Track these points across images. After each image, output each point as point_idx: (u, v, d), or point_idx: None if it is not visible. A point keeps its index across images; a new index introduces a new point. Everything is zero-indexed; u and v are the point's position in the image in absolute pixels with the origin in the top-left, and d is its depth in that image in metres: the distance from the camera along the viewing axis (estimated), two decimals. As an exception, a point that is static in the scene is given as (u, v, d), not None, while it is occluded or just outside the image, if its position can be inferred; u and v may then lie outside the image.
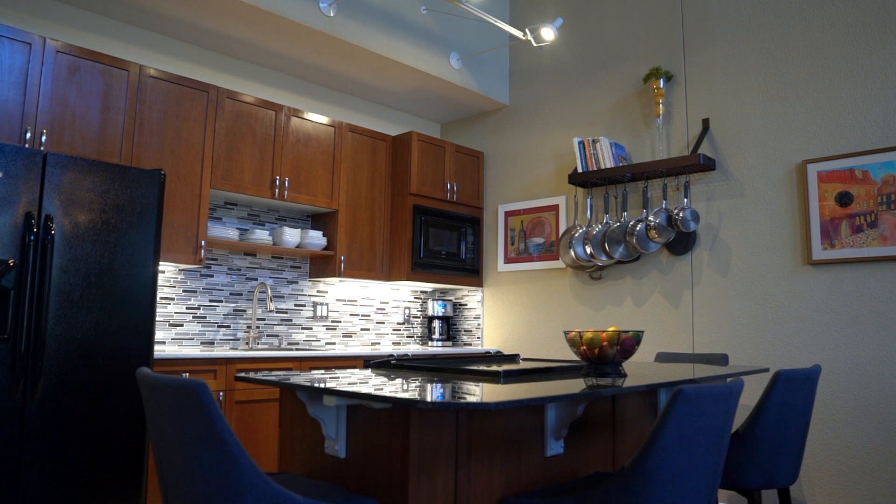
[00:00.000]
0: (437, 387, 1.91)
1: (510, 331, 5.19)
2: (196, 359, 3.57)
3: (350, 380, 2.11)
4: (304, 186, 4.51)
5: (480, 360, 3.01)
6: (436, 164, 5.18)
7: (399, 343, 5.44)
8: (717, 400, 1.68)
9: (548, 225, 5.03)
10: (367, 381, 2.03)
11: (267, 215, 4.66)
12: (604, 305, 4.63)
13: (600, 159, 4.51)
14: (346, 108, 5.31)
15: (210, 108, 4.08)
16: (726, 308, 4.05)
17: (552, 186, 5.07)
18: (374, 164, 4.98)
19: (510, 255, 5.25)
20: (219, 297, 4.37)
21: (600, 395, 1.82)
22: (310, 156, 4.56)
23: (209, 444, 1.49)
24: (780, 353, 3.81)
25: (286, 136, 4.43)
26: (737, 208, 4.08)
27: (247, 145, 4.23)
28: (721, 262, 4.10)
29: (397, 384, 1.95)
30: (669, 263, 4.34)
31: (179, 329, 4.17)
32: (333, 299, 5.00)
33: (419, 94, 5.28)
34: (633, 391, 1.95)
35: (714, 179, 4.20)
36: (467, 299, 5.54)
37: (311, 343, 4.84)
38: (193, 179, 3.97)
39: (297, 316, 4.77)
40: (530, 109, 5.31)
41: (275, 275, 4.68)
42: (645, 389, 2.01)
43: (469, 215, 5.37)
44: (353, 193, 4.80)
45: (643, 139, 4.58)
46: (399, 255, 4.92)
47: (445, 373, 2.40)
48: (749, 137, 4.07)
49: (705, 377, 2.38)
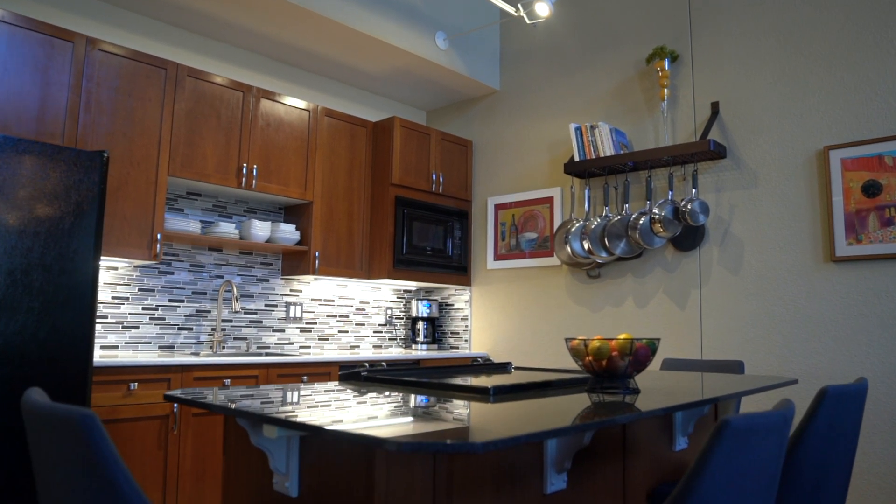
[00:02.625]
0: (414, 409, 1.52)
1: (500, 333, 4.81)
2: (145, 366, 3.16)
3: (310, 399, 1.71)
4: (275, 175, 4.10)
5: (467, 369, 2.62)
6: (420, 152, 4.79)
7: (381, 346, 5.04)
8: (770, 433, 1.30)
9: (541, 219, 4.65)
10: (329, 403, 1.64)
11: (235, 207, 4.25)
12: (602, 306, 4.26)
13: (599, 147, 4.14)
14: (323, 92, 4.91)
15: (168, 87, 3.66)
16: (738, 310, 3.69)
17: (546, 177, 4.69)
18: (352, 151, 4.58)
19: (500, 251, 4.86)
20: (179, 296, 3.96)
21: (615, 422, 1.43)
22: (281, 142, 4.16)
23: (99, 497, 1.10)
24: (799, 360, 3.44)
25: (255, 119, 4.03)
26: (750, 200, 3.72)
27: (210, 129, 3.82)
28: (732, 259, 3.74)
29: (364, 407, 1.56)
30: (675, 260, 3.97)
31: (134, 332, 3.76)
32: (308, 299, 4.60)
33: (402, 78, 4.89)
34: (654, 415, 1.57)
35: (724, 168, 3.83)
36: (454, 299, 5.16)
37: (284, 347, 4.43)
38: (149, 165, 3.56)
39: (267, 317, 4.37)
40: (522, 94, 4.92)
41: (243, 272, 4.27)
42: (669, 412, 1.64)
43: (456, 208, 4.98)
44: (329, 183, 4.40)
45: (646, 125, 4.21)
46: (380, 251, 4.53)
47: (426, 388, 2.01)
48: (763, 122, 3.71)
49: (734, 393, 2.01)
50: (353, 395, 1.82)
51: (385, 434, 1.16)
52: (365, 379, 2.23)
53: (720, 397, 1.91)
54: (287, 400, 1.69)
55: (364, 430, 1.19)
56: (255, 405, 1.56)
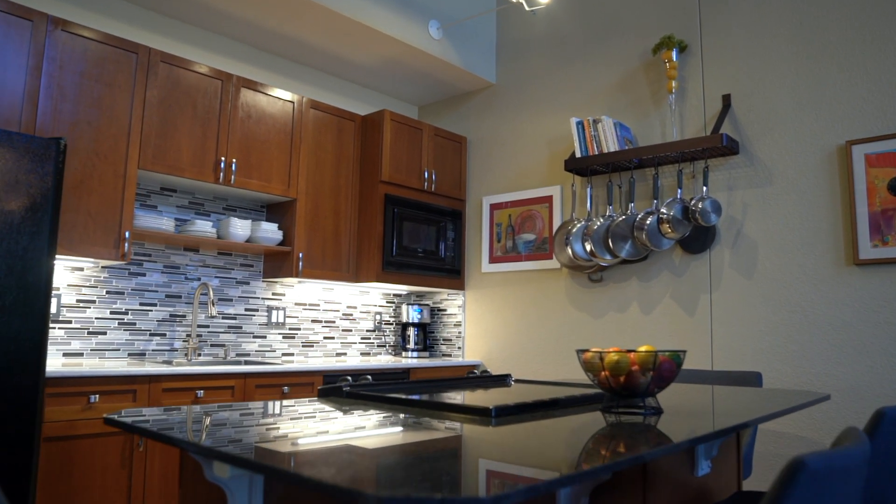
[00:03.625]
0: (401, 435, 1.25)
1: (495, 341, 4.54)
2: (107, 376, 2.87)
3: (281, 421, 1.44)
4: (256, 170, 3.82)
5: (463, 382, 2.35)
6: (412, 148, 4.52)
7: (369, 354, 4.76)
8: (850, 474, 1.04)
9: (539, 219, 4.39)
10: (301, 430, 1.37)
11: (213, 204, 3.97)
12: (605, 312, 4.00)
13: (602, 142, 3.88)
14: (309, 84, 4.63)
15: (139, 73, 3.38)
16: (752, 316, 3.43)
17: (545, 175, 4.44)
18: (340, 146, 4.31)
19: (496, 253, 4.60)
20: (152, 299, 3.67)
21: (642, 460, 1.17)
22: (263, 135, 3.88)
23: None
24: (818, 372, 3.19)
25: (234, 110, 3.75)
26: (764, 199, 3.47)
27: (185, 119, 3.54)
28: (746, 262, 3.49)
29: (343, 434, 1.29)
30: (683, 263, 3.72)
31: (102, 338, 3.47)
32: (291, 303, 4.32)
33: (393, 69, 4.62)
34: (694, 445, 1.30)
35: (736, 165, 3.58)
36: (447, 304, 4.89)
37: (265, 354, 4.15)
38: (117, 157, 3.27)
39: (247, 322, 4.08)
40: (520, 88, 4.67)
41: (222, 274, 3.99)
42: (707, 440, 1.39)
43: (449, 208, 4.71)
44: (314, 180, 4.13)
45: (651, 120, 3.96)
46: (368, 252, 4.25)
47: (416, 407, 1.74)
48: (779, 116, 3.46)
49: (773, 413, 1.75)
50: (331, 417, 1.54)
51: (364, 477, 0.90)
52: (347, 395, 1.96)
53: (759, 419, 1.65)
54: (252, 424, 1.42)
55: (337, 474, 0.92)
56: (213, 431, 1.28)
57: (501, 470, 0.99)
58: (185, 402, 3.10)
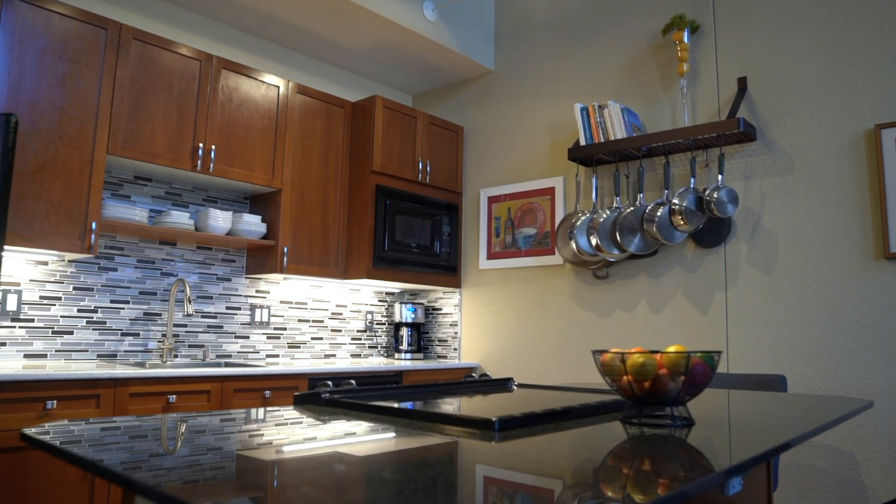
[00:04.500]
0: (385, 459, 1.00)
1: (493, 342, 4.28)
2: (67, 380, 2.60)
3: (239, 439, 1.18)
4: (237, 158, 3.56)
5: (460, 387, 2.09)
6: (405, 137, 4.26)
7: (359, 355, 4.50)
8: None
9: (541, 212, 4.13)
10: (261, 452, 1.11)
11: (191, 195, 3.70)
12: (612, 311, 3.74)
13: (609, 129, 3.63)
14: (297, 70, 4.37)
15: (109, 51, 3.12)
16: (771, 315, 3.18)
17: (546, 166, 4.18)
18: (328, 134, 4.04)
19: (494, 249, 4.34)
20: (124, 296, 3.40)
21: (696, 493, 0.91)
22: (245, 120, 3.62)
23: None
24: (846, 375, 2.94)
25: (214, 93, 3.48)
26: (785, 188, 3.22)
27: (160, 102, 3.28)
28: (764, 257, 3.24)
29: (311, 460, 1.03)
30: (696, 258, 3.47)
31: (68, 338, 3.20)
32: (277, 301, 4.05)
33: (386, 54, 4.36)
34: (745, 472, 1.04)
35: (753, 153, 3.33)
36: (442, 303, 4.63)
37: (248, 356, 3.88)
38: (83, 141, 3.01)
39: (229, 322, 3.81)
40: (520, 74, 4.41)
41: (201, 269, 3.72)
42: (760, 462, 1.14)
43: (445, 201, 4.45)
44: (301, 169, 3.86)
45: (661, 105, 3.71)
46: (358, 247, 3.99)
47: (407, 417, 1.48)
48: (800, 99, 3.22)
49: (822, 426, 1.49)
50: (302, 434, 1.28)
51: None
52: (327, 402, 1.70)
53: (808, 433, 1.40)
54: (201, 443, 1.16)
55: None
56: (144, 455, 1.02)
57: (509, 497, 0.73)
58: (155, 408, 2.83)
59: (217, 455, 1.03)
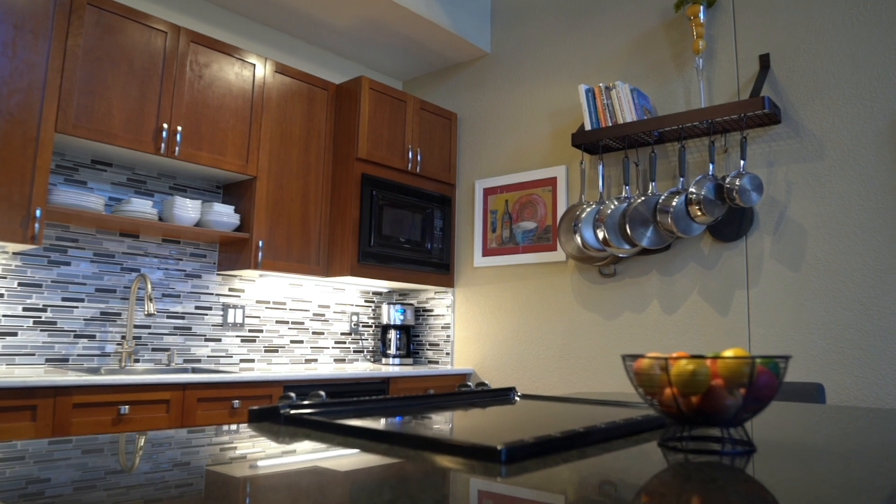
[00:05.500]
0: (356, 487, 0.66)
1: (489, 346, 3.94)
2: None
3: (155, 478, 0.84)
4: (207, 142, 3.21)
5: (453, 399, 1.75)
6: (394, 122, 3.92)
7: (343, 360, 4.15)
8: None
9: (541, 205, 3.80)
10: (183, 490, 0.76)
11: (157, 183, 3.35)
12: (620, 311, 3.41)
13: (617, 111, 3.31)
14: (277, 50, 4.03)
15: (59, 17, 2.77)
16: (800, 316, 2.86)
17: (547, 154, 3.85)
18: (310, 118, 3.70)
19: (490, 245, 4.01)
20: (78, 293, 3.05)
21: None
22: (217, 100, 3.27)
23: None
24: (889, 383, 2.62)
25: (182, 69, 3.14)
26: (814, 175, 2.90)
27: (119, 76, 2.93)
28: (791, 251, 2.92)
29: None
30: (714, 253, 3.14)
31: (11, 340, 2.84)
32: (252, 300, 3.70)
33: (374, 34, 4.03)
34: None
35: (778, 136, 3.02)
36: (434, 303, 4.28)
37: (220, 360, 3.53)
38: (28, 117, 2.66)
39: (198, 323, 3.46)
40: (518, 57, 4.09)
41: (166, 265, 3.37)
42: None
43: (437, 193, 4.12)
44: (278, 156, 3.52)
45: (673, 87, 3.39)
46: (341, 241, 3.65)
47: (385, 442, 1.14)
48: (830, 76, 2.90)
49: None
50: (248, 464, 0.94)
51: None
52: (288, 420, 1.36)
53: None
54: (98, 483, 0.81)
55: None
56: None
57: None
58: (103, 421, 2.47)
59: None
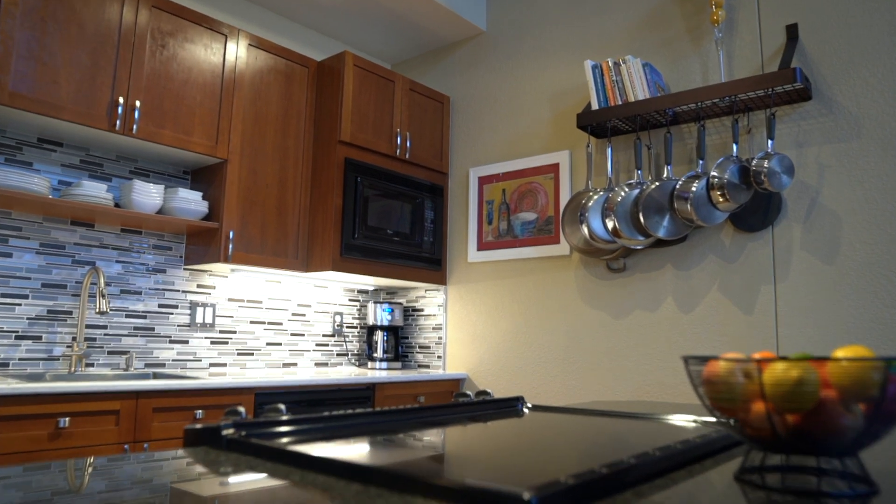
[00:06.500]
0: None
1: (485, 348, 3.61)
2: None
3: None
4: (171, 119, 2.87)
5: (449, 413, 1.41)
6: (381, 103, 3.59)
7: (326, 364, 3.80)
8: None
9: (542, 194, 3.48)
10: None
11: (116, 166, 3.00)
12: (629, 310, 3.09)
13: (627, 88, 2.99)
14: (252, 25, 3.69)
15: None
16: (835, 314, 2.55)
17: (549, 139, 3.53)
18: (288, 97, 3.36)
19: (486, 238, 3.68)
20: (20, 289, 2.69)
21: None
22: (182, 73, 2.93)
23: None
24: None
25: (141, 37, 2.79)
26: (849, 157, 2.60)
27: (67, 42, 2.58)
28: (824, 242, 2.61)
29: None
30: (737, 245, 2.83)
31: (-59, 342, 2.48)
32: (223, 298, 3.35)
33: (360, 9, 3.69)
34: None
35: (808, 115, 2.71)
36: (424, 302, 3.95)
37: (187, 364, 3.18)
38: (-43, 85, 2.30)
39: (162, 323, 3.11)
40: (517, 34, 3.77)
41: (126, 258, 3.01)
42: None
43: (428, 181, 3.78)
44: (252, 137, 3.18)
45: (689, 62, 3.08)
46: (322, 232, 3.30)
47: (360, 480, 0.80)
48: (868, 47, 2.60)
49: None
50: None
51: None
52: (231, 445, 1.01)
53: None
54: None
55: None
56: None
57: None
58: (37, 437, 2.12)
59: None
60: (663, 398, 2.93)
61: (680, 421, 1.33)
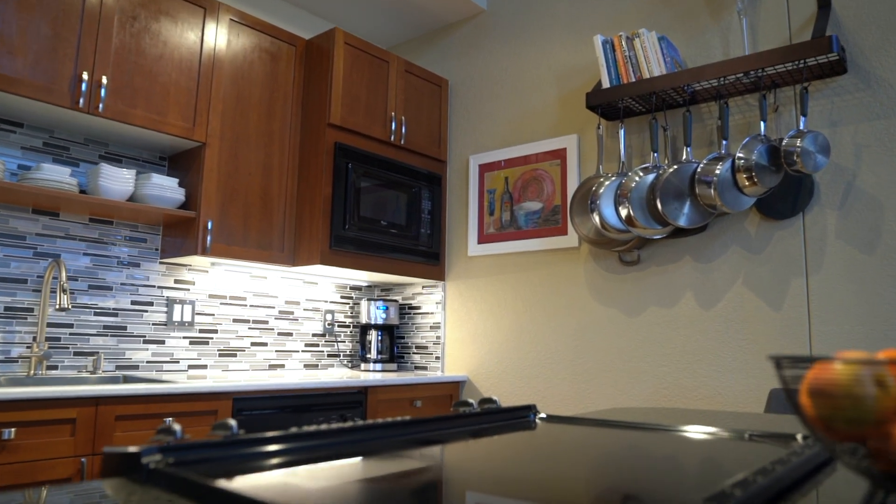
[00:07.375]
0: None
1: (486, 349, 3.35)
2: None
3: None
4: (143, 98, 2.61)
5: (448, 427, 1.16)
6: (374, 85, 3.34)
7: (316, 366, 3.55)
8: None
9: (548, 181, 3.23)
10: None
11: (83, 150, 2.75)
12: (644, 306, 2.84)
13: (642, 64, 2.74)
14: (240, 1, 3.44)
15: (-57, -71, 2.17)
16: (877, 309, 2.30)
17: (555, 122, 3.28)
18: (273, 77, 3.11)
19: (488, 230, 3.43)
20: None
21: None
22: (156, 48, 2.67)
23: None
24: None
25: (109, 8, 2.54)
26: (889, 135, 2.35)
27: (25, 11, 2.33)
28: (862, 229, 2.36)
29: None
30: (763, 234, 2.58)
31: None
32: (204, 295, 3.10)
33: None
34: None
35: (843, 90, 2.46)
36: (421, 300, 3.69)
37: (163, 366, 2.92)
38: None
39: (135, 321, 2.85)
40: (520, 12, 3.52)
41: (96, 250, 2.76)
42: None
43: (425, 170, 3.53)
44: (234, 120, 2.93)
45: (708, 37, 2.83)
46: (310, 223, 3.05)
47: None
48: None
49: None
50: None
51: None
52: (151, 477, 0.76)
53: None
54: None
55: None
56: None
57: None
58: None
59: None
60: (683, 403, 2.68)
61: (725, 433, 1.08)
